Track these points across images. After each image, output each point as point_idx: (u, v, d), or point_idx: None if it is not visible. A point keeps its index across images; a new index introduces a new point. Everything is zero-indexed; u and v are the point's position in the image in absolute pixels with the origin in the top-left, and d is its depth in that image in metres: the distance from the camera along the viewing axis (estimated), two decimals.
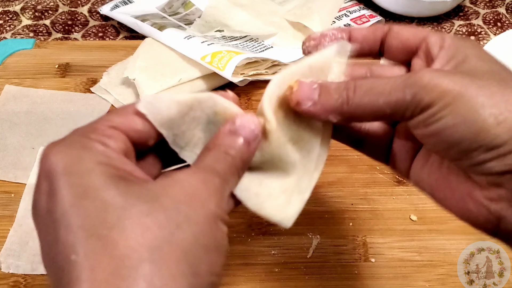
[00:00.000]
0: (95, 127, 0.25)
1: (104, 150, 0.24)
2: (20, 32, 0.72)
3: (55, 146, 0.24)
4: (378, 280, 0.47)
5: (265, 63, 0.62)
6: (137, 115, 0.26)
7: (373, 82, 0.27)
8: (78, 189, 0.23)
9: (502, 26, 0.74)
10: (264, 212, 0.29)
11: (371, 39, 0.31)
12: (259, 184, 0.29)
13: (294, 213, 0.29)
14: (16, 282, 0.46)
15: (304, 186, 0.30)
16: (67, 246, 0.22)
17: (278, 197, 0.29)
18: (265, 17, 0.69)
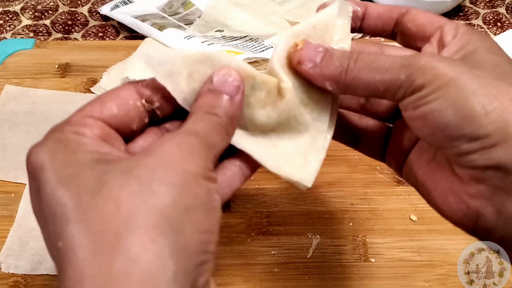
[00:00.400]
0: (69, 120, 0.26)
1: (78, 138, 0.25)
2: (20, 32, 0.72)
3: (34, 148, 0.25)
4: (378, 280, 0.47)
5: (265, 63, 0.62)
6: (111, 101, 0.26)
7: (374, 57, 0.27)
8: (53, 183, 0.23)
9: (502, 26, 0.74)
10: (283, 172, 0.28)
11: (386, 18, 0.31)
12: (274, 147, 0.29)
13: (313, 173, 0.29)
14: (16, 282, 0.46)
15: (319, 146, 0.30)
16: (54, 236, 0.22)
17: (296, 158, 0.29)
18: (265, 17, 0.69)
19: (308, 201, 0.52)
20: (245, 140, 0.28)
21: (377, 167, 0.54)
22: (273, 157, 0.28)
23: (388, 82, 0.26)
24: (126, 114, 0.26)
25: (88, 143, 0.25)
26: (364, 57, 0.27)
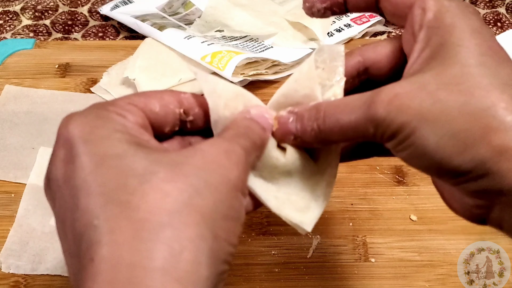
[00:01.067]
0: (114, 102, 0.26)
1: (121, 119, 0.25)
2: (20, 32, 0.72)
3: (73, 116, 0.25)
4: (378, 280, 0.47)
5: (265, 63, 0.62)
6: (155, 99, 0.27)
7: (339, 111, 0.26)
8: (97, 156, 0.23)
9: (502, 26, 0.75)
10: (284, 214, 0.29)
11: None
12: (277, 191, 0.29)
13: (313, 218, 0.30)
14: (16, 282, 0.46)
15: (320, 193, 0.30)
16: (88, 212, 0.22)
17: (297, 202, 0.30)
18: (265, 17, 0.69)
19: None
20: (251, 178, 0.29)
21: (377, 167, 0.54)
22: (275, 199, 0.29)
23: (362, 135, 0.26)
24: (164, 116, 0.27)
25: (130, 126, 0.25)
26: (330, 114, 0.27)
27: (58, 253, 0.48)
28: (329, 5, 0.31)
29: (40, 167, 0.54)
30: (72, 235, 0.23)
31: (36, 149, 0.56)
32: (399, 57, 0.30)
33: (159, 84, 0.59)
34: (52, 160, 0.24)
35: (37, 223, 0.50)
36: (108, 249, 0.21)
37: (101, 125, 0.24)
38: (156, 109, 0.27)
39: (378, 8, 0.30)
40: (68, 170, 0.23)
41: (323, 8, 0.31)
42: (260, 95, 0.62)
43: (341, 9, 0.31)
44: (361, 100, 0.26)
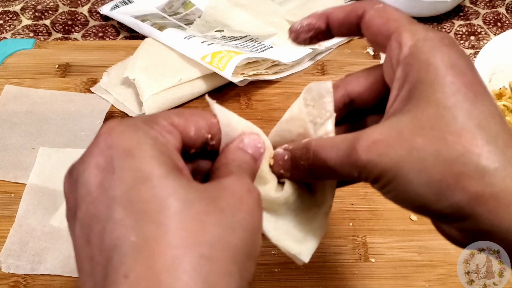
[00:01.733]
0: (157, 120, 0.26)
1: (164, 142, 0.25)
2: (20, 32, 0.72)
3: (120, 125, 0.24)
4: (378, 280, 0.47)
5: (265, 63, 0.62)
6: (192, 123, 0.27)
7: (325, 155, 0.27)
8: (140, 173, 0.23)
9: (502, 26, 0.74)
10: (282, 245, 0.30)
11: (347, 24, 0.30)
12: (276, 222, 0.30)
13: (310, 249, 0.31)
14: (16, 282, 0.46)
15: (317, 225, 0.31)
16: (125, 226, 0.22)
17: (295, 234, 0.31)
18: (265, 17, 0.69)
19: None
20: None
21: None
22: (274, 229, 0.30)
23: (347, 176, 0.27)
24: (196, 139, 0.27)
25: (172, 151, 0.25)
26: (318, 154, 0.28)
27: (58, 253, 0.48)
28: (314, 34, 0.32)
29: (40, 167, 0.54)
30: (99, 242, 0.22)
31: (36, 149, 0.56)
32: (382, 87, 0.31)
33: (159, 84, 0.59)
34: (84, 161, 0.24)
35: (37, 223, 0.50)
36: (146, 271, 0.21)
37: (146, 143, 0.24)
38: (192, 133, 0.27)
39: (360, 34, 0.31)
40: (106, 179, 0.23)
41: (308, 38, 0.32)
42: (260, 95, 0.62)
43: (326, 36, 0.32)
44: (345, 143, 0.27)
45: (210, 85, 0.61)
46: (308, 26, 0.31)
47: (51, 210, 0.50)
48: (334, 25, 0.31)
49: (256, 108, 0.61)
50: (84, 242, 0.23)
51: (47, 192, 0.52)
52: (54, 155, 0.55)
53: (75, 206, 0.24)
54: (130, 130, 0.24)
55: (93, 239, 0.23)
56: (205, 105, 0.29)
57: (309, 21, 0.31)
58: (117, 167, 0.23)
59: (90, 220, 0.23)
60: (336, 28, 0.31)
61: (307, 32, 0.32)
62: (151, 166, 0.23)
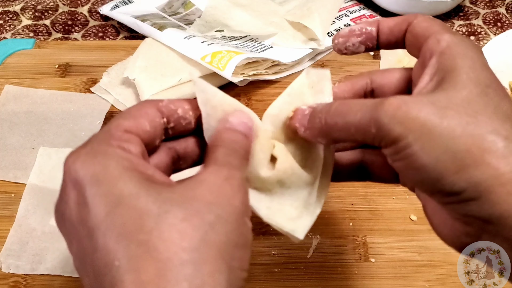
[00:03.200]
0: (111, 133, 0.26)
1: (126, 155, 0.25)
2: (20, 32, 0.72)
3: (79, 156, 0.25)
4: (378, 280, 0.47)
5: (265, 63, 0.62)
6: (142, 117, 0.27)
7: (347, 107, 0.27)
8: (111, 197, 0.23)
9: (502, 26, 0.75)
10: (275, 222, 0.30)
11: (396, 31, 0.31)
12: (270, 201, 0.30)
13: (306, 226, 0.30)
14: (16, 282, 0.46)
15: (313, 201, 0.31)
16: (108, 253, 0.23)
17: (289, 211, 0.30)
18: (265, 17, 0.69)
19: None
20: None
21: None
22: (267, 208, 0.30)
23: (363, 134, 0.26)
24: (154, 131, 0.28)
25: (136, 162, 0.25)
26: (339, 109, 0.28)
27: (58, 253, 0.48)
28: (364, 39, 0.32)
29: (40, 167, 0.54)
30: (93, 272, 0.23)
31: (36, 149, 0.56)
32: (404, 86, 0.31)
33: (159, 84, 0.59)
34: (63, 200, 0.25)
35: (37, 223, 0.50)
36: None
37: (109, 164, 0.24)
38: (147, 128, 0.27)
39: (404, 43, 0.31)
40: (82, 212, 0.24)
41: (358, 42, 0.32)
42: (260, 95, 0.62)
43: (374, 44, 0.32)
44: (371, 101, 0.27)
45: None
46: (360, 31, 0.32)
47: (51, 210, 0.50)
48: (384, 32, 0.32)
49: (256, 108, 0.61)
50: (83, 273, 0.24)
51: (47, 192, 0.52)
52: (54, 155, 0.55)
53: (70, 242, 0.25)
54: (90, 157, 0.25)
55: (88, 271, 0.24)
56: None
57: (361, 26, 0.32)
58: (89, 196, 0.24)
59: (81, 253, 0.24)
60: (386, 35, 0.32)
61: (358, 35, 0.32)
62: (119, 188, 0.24)
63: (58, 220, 0.26)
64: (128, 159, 0.25)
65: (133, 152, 0.26)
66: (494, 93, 0.26)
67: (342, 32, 0.32)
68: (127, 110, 0.28)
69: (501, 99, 0.26)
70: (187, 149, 0.30)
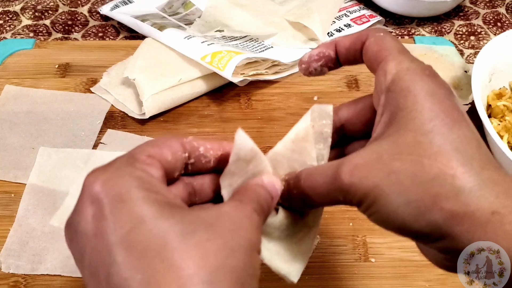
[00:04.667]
0: (136, 157, 0.27)
1: (149, 178, 0.26)
2: (20, 32, 0.72)
3: (104, 174, 0.25)
4: (378, 280, 0.47)
5: (265, 63, 0.62)
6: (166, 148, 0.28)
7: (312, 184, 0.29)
8: (133, 216, 0.24)
9: (502, 26, 0.75)
10: (274, 265, 0.31)
11: (352, 51, 0.32)
12: (268, 243, 0.32)
13: (299, 270, 0.33)
14: (16, 282, 0.46)
15: (305, 247, 0.33)
16: (128, 267, 0.23)
17: (285, 255, 0.32)
18: (265, 17, 0.69)
19: None
20: None
21: None
22: (267, 250, 0.31)
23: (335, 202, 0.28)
24: (175, 163, 0.29)
25: (158, 186, 0.26)
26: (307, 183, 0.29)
27: (58, 253, 0.48)
28: (324, 62, 0.33)
29: (40, 167, 0.54)
30: (108, 286, 0.24)
31: (36, 149, 0.56)
32: (369, 114, 0.32)
33: (159, 84, 0.59)
34: (78, 214, 0.25)
35: (37, 223, 0.50)
36: None
37: (133, 185, 0.25)
38: (169, 158, 0.28)
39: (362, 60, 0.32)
40: (100, 225, 0.24)
41: (319, 66, 0.33)
42: (260, 95, 0.62)
43: (336, 64, 0.33)
44: (329, 170, 0.28)
45: (210, 85, 0.61)
46: (318, 55, 0.33)
47: (51, 210, 0.50)
48: (341, 52, 0.32)
49: (256, 108, 0.61)
50: (94, 286, 0.25)
51: (47, 192, 0.52)
52: (54, 155, 0.55)
53: (80, 255, 0.25)
54: (116, 177, 0.25)
55: (102, 284, 0.24)
56: (204, 105, 0.29)
57: (319, 50, 0.33)
58: (110, 213, 0.24)
59: (96, 267, 0.24)
60: (344, 55, 0.32)
61: (317, 61, 0.33)
62: (142, 209, 0.24)
63: (69, 234, 0.26)
64: (151, 182, 0.26)
65: (156, 176, 0.27)
66: (442, 125, 0.26)
67: (303, 58, 0.33)
68: (152, 140, 0.29)
69: (450, 128, 0.26)
70: (203, 186, 0.31)
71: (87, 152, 0.55)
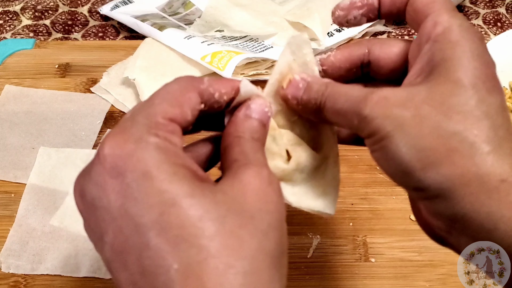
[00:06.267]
0: (157, 121, 0.25)
1: (174, 149, 0.24)
2: (20, 32, 0.72)
3: (124, 143, 0.24)
4: (379, 280, 0.47)
5: (265, 63, 0.62)
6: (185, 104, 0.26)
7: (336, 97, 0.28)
8: (165, 196, 0.23)
9: (502, 26, 0.75)
10: (305, 206, 0.30)
11: (398, 2, 0.30)
12: (292, 187, 0.31)
13: (333, 201, 0.31)
14: (16, 282, 0.46)
15: (331, 176, 0.31)
16: (164, 254, 0.22)
17: (313, 192, 0.31)
18: (265, 17, 0.69)
19: None
20: None
21: (377, 167, 0.54)
22: (293, 195, 0.30)
23: (348, 122, 0.27)
24: (193, 119, 0.27)
25: (183, 158, 0.25)
26: (332, 96, 0.28)
27: (58, 253, 0.48)
28: (366, 11, 0.31)
29: (40, 167, 0.54)
30: (138, 269, 0.23)
31: (36, 149, 0.56)
32: (401, 62, 0.31)
33: (159, 84, 0.58)
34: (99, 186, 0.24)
35: (37, 223, 0.50)
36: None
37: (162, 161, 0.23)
38: (189, 117, 0.26)
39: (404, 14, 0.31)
40: (128, 205, 0.23)
41: (359, 15, 0.31)
42: None
43: (375, 15, 0.31)
44: (357, 92, 0.27)
45: None
46: (362, 2, 0.31)
47: (51, 210, 0.50)
48: (385, 2, 0.31)
49: None
50: (120, 266, 0.23)
51: (47, 192, 0.52)
52: (54, 155, 0.55)
53: (99, 229, 0.24)
54: (140, 149, 0.23)
55: (131, 266, 0.23)
56: None
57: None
58: (138, 191, 0.23)
59: (123, 248, 0.23)
60: (387, 6, 0.31)
61: (359, 8, 0.31)
62: (173, 186, 0.23)
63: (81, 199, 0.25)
64: (177, 154, 0.24)
65: (178, 146, 0.25)
66: (482, 86, 0.26)
67: (343, 5, 0.32)
68: (171, 93, 0.27)
69: (489, 92, 0.26)
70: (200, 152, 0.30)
71: (87, 152, 0.55)
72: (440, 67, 0.26)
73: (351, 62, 0.32)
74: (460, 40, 0.27)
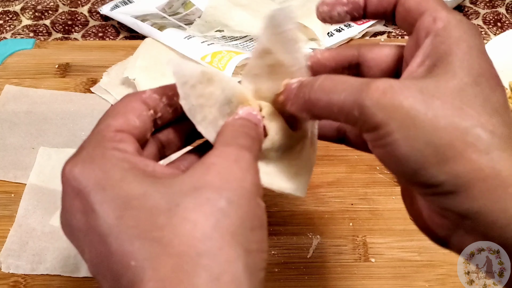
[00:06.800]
0: (103, 135, 0.26)
1: (123, 156, 0.25)
2: (20, 32, 0.72)
3: (77, 164, 0.25)
4: (378, 280, 0.47)
5: None
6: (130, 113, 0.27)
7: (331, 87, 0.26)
8: (118, 201, 0.23)
9: (502, 26, 0.75)
10: (276, 186, 0.30)
11: (385, 2, 0.29)
12: (266, 166, 0.30)
13: (304, 183, 0.31)
14: (16, 282, 0.46)
15: (305, 159, 0.31)
16: (124, 255, 0.23)
17: (286, 173, 0.30)
18: None
19: (308, 201, 0.52)
20: None
21: (377, 167, 0.54)
22: (266, 175, 0.29)
23: (345, 114, 0.26)
24: (144, 125, 0.27)
25: (135, 161, 0.25)
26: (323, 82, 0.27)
27: (58, 253, 0.48)
28: (351, 9, 0.30)
29: (40, 167, 0.54)
30: (111, 275, 0.23)
31: (36, 149, 0.56)
32: (393, 65, 0.30)
33: (159, 84, 0.59)
34: (67, 211, 0.25)
35: (37, 223, 0.50)
36: (153, 285, 0.22)
37: (109, 168, 0.24)
38: (137, 123, 0.27)
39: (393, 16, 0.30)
40: (90, 220, 0.24)
41: (344, 12, 0.30)
42: None
43: (360, 14, 0.31)
44: (357, 81, 0.26)
45: None
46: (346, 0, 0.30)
47: (51, 210, 0.50)
48: (372, 1, 0.30)
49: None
50: (101, 278, 0.24)
51: (47, 192, 0.52)
52: (54, 155, 0.55)
53: (80, 249, 0.25)
54: (88, 164, 0.25)
55: (107, 276, 0.23)
56: None
57: None
58: (95, 205, 0.24)
59: (97, 261, 0.24)
60: (374, 5, 0.30)
61: (344, 5, 0.30)
62: (124, 190, 0.24)
63: (66, 230, 0.26)
64: (126, 159, 0.25)
65: (129, 151, 0.26)
66: (486, 83, 0.25)
67: (328, 0, 0.30)
68: (113, 108, 0.28)
69: (493, 90, 0.25)
70: (169, 137, 0.30)
71: None
72: (445, 62, 0.26)
73: (337, 61, 0.32)
74: (462, 35, 0.26)
